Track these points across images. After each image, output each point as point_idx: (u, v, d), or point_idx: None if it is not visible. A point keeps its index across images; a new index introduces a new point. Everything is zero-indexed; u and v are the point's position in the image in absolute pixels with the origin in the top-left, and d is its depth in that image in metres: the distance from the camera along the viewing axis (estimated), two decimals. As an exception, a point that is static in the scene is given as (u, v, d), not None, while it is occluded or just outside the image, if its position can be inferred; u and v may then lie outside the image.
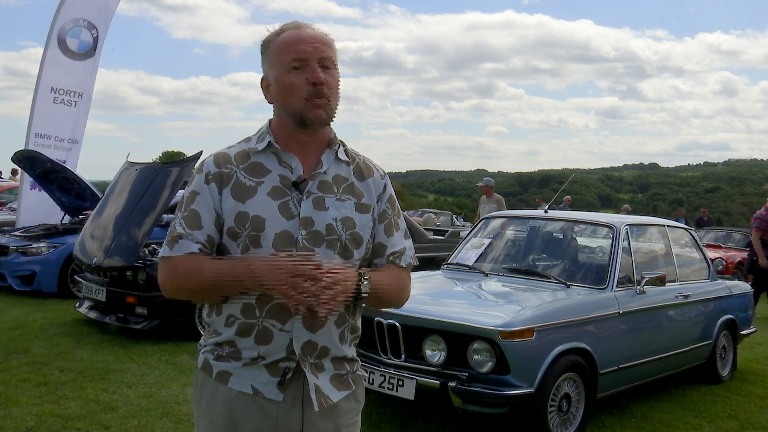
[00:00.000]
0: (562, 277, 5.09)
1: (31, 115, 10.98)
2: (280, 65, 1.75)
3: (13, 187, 14.78)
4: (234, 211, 1.71)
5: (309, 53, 1.74)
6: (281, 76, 1.75)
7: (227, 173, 1.74)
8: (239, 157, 1.77)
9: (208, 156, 1.81)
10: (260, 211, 1.71)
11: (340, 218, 1.77)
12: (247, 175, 1.75)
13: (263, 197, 1.72)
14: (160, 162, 11.09)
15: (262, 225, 1.70)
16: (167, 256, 1.73)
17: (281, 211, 1.72)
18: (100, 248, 6.90)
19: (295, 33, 1.77)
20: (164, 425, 4.43)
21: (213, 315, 1.78)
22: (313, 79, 1.73)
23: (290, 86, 1.74)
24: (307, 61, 1.74)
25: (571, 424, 4.41)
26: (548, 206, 6.15)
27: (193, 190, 1.76)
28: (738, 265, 13.52)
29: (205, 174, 1.76)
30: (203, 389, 1.79)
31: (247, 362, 1.73)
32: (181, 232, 1.73)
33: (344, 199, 1.80)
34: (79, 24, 11.33)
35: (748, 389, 6.03)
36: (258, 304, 1.71)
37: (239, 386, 1.73)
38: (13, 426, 4.31)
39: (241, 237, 1.71)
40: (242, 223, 1.71)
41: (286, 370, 1.72)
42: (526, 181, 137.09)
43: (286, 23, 1.81)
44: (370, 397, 4.69)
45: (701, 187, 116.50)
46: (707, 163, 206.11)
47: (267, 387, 1.72)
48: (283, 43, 1.76)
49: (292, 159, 1.78)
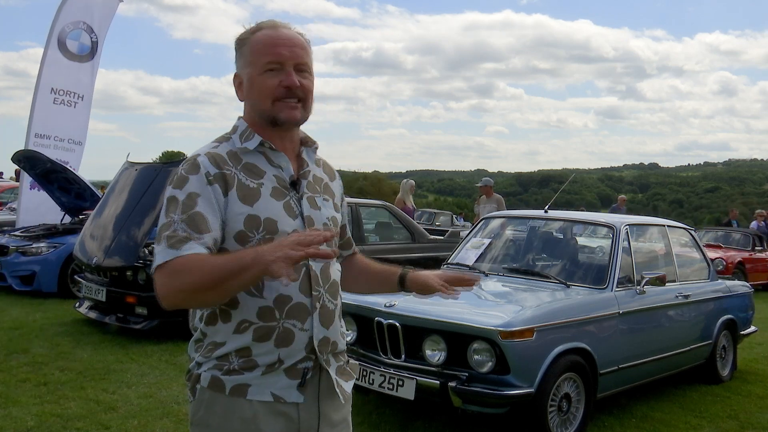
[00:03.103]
0: (562, 277, 5.09)
1: (31, 116, 10.99)
2: (255, 65, 1.74)
3: (13, 187, 14.78)
4: (243, 215, 1.66)
5: (285, 57, 1.73)
6: (255, 76, 1.74)
7: (229, 174, 1.69)
8: (232, 158, 1.72)
9: (197, 156, 1.71)
10: (270, 214, 1.69)
11: (329, 217, 1.83)
12: (246, 176, 1.71)
13: (268, 199, 1.71)
14: (160, 162, 11.09)
15: (275, 227, 1.68)
16: (170, 259, 1.57)
17: (286, 211, 1.72)
18: (100, 248, 6.90)
19: (272, 34, 1.75)
20: (164, 425, 4.43)
21: (218, 323, 1.69)
22: (288, 83, 1.72)
23: (261, 87, 1.73)
24: (282, 65, 1.73)
25: (571, 424, 4.41)
26: (548, 206, 6.14)
27: (193, 192, 1.64)
28: (738, 265, 13.52)
29: (204, 174, 1.66)
30: (211, 409, 1.69)
31: (265, 370, 1.68)
32: (187, 235, 1.59)
33: (326, 199, 1.85)
34: (78, 27, 11.35)
35: (748, 389, 6.03)
36: (277, 306, 1.69)
37: (259, 396, 1.68)
38: (13, 426, 4.31)
39: (252, 241, 1.66)
40: (254, 226, 1.67)
41: (305, 371, 1.72)
42: (526, 181, 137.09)
43: (262, 21, 1.80)
44: (370, 397, 4.69)
45: (701, 187, 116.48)
46: (707, 163, 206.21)
47: (287, 391, 1.70)
48: (259, 43, 1.74)
49: (282, 158, 1.78)
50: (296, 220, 1.73)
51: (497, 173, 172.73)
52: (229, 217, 1.66)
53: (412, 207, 12.27)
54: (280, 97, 1.72)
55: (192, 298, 1.61)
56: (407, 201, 12.06)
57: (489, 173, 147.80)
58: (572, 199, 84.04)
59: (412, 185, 12.50)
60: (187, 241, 1.58)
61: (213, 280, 1.54)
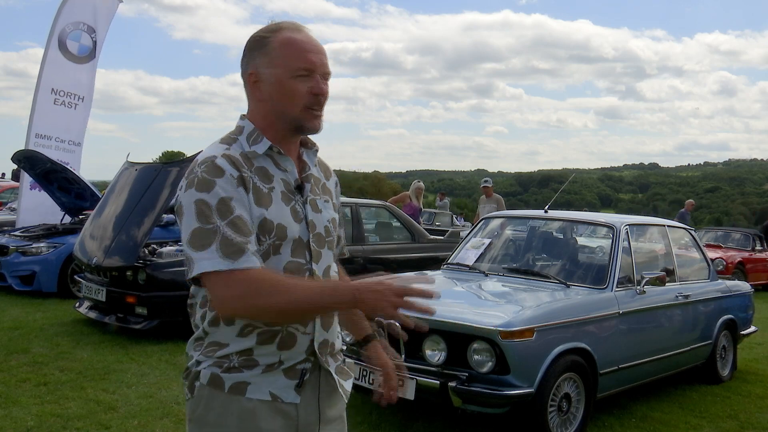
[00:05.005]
0: (561, 277, 5.09)
1: (32, 116, 10.99)
2: (285, 68, 1.71)
3: (13, 187, 14.79)
4: (259, 219, 1.66)
5: (317, 66, 1.72)
6: (284, 80, 1.71)
7: (246, 177, 1.67)
8: (246, 161, 1.70)
9: (213, 158, 1.66)
10: (281, 219, 1.69)
11: (330, 219, 1.83)
12: (260, 180, 1.70)
13: (279, 204, 1.71)
14: (160, 162, 11.09)
15: (284, 232, 1.69)
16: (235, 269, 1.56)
17: (293, 216, 1.73)
18: (100, 248, 6.90)
19: (300, 39, 1.73)
20: (164, 425, 4.43)
21: (221, 325, 1.68)
22: (318, 91, 1.72)
23: (293, 92, 1.71)
24: (313, 72, 1.72)
25: (571, 424, 4.41)
26: (548, 206, 6.14)
27: (226, 196, 1.61)
28: (738, 265, 13.52)
29: (229, 177, 1.63)
30: (209, 406, 1.70)
31: (265, 369, 1.69)
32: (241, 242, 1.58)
33: (327, 201, 1.85)
34: (78, 28, 11.35)
35: (748, 389, 6.03)
36: None
37: (258, 394, 1.68)
38: (13, 426, 4.31)
39: (263, 245, 1.66)
40: (267, 231, 1.67)
41: (304, 372, 1.72)
42: (526, 181, 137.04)
43: (281, 21, 1.77)
44: (371, 397, 4.69)
45: (701, 187, 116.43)
46: (707, 163, 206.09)
47: (285, 391, 1.70)
48: (289, 46, 1.71)
49: (287, 162, 1.77)
50: (301, 224, 1.74)
51: (497, 173, 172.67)
52: (252, 221, 1.67)
53: (418, 206, 12.34)
54: (310, 104, 1.72)
55: (263, 315, 1.63)
56: (413, 199, 12.12)
57: (489, 173, 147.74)
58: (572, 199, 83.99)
59: (420, 187, 12.61)
60: (245, 252, 1.58)
61: (301, 308, 1.60)
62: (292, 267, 1.71)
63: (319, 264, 1.76)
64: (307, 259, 1.74)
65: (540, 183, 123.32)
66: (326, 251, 1.80)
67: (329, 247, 1.81)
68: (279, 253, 1.69)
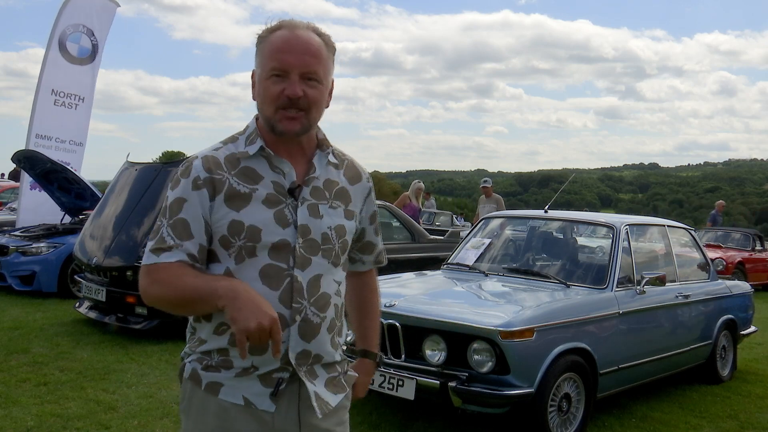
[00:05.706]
0: (561, 277, 5.09)
1: (32, 116, 11.00)
2: (262, 68, 1.72)
3: (13, 187, 14.79)
4: (227, 220, 1.66)
5: (290, 65, 1.67)
6: (261, 80, 1.72)
7: (219, 179, 1.68)
8: (229, 162, 1.71)
9: (194, 158, 1.72)
10: (255, 221, 1.67)
11: (333, 226, 1.77)
12: (240, 181, 1.69)
13: (258, 206, 1.68)
14: (160, 162, 11.10)
15: (257, 236, 1.67)
16: (151, 263, 1.67)
17: (277, 219, 1.69)
18: (100, 248, 6.90)
19: (286, 37, 1.70)
20: (164, 425, 4.43)
21: (201, 320, 1.72)
22: (290, 93, 1.68)
23: (265, 93, 1.70)
24: (287, 73, 1.68)
25: (571, 424, 4.41)
26: (548, 206, 6.14)
27: (180, 197, 1.69)
28: (738, 265, 13.51)
29: (194, 179, 1.68)
30: (192, 400, 1.73)
31: (239, 372, 1.68)
32: (171, 243, 1.66)
33: (335, 206, 1.79)
34: (78, 30, 11.36)
35: (748, 389, 6.03)
36: None
37: (231, 398, 1.68)
38: (13, 426, 4.31)
39: (234, 246, 1.67)
40: (236, 232, 1.66)
41: (280, 381, 1.69)
42: (526, 181, 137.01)
43: (283, 20, 1.76)
44: (370, 397, 4.69)
45: (701, 187, 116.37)
46: (707, 163, 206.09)
47: (259, 398, 1.68)
48: (271, 46, 1.70)
49: (284, 164, 1.73)
50: (287, 228, 1.69)
51: (497, 173, 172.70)
52: (214, 222, 1.68)
53: (417, 206, 12.38)
54: (282, 106, 1.69)
55: (164, 307, 1.74)
56: (413, 199, 12.16)
57: (489, 173, 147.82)
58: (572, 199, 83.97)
59: (420, 188, 12.65)
60: (168, 249, 1.66)
61: (184, 298, 1.65)
62: (270, 271, 1.68)
63: (306, 271, 1.70)
64: (290, 264, 1.69)
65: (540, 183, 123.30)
66: (319, 259, 1.73)
67: (325, 255, 1.74)
68: (255, 255, 1.67)
